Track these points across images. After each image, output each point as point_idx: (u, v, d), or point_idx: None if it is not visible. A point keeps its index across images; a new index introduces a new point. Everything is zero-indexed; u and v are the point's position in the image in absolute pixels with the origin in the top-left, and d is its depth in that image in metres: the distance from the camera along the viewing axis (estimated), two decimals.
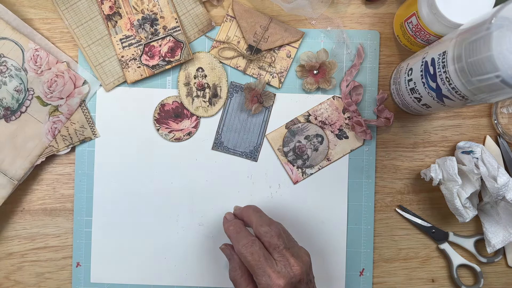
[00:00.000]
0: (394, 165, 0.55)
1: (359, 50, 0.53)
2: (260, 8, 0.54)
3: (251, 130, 0.54)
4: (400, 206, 0.55)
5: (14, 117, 0.51)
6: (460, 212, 0.49)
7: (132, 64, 0.52)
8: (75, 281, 0.54)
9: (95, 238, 0.54)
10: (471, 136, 0.54)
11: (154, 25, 0.52)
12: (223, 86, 0.54)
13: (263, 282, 0.41)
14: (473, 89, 0.36)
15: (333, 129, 0.54)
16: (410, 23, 0.48)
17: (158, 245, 0.54)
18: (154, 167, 0.54)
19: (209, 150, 0.54)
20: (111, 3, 0.52)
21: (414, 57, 0.47)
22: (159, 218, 0.54)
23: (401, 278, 0.55)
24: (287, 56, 0.54)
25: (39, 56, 0.51)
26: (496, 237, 0.51)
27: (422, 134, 0.54)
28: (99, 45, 0.53)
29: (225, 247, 0.48)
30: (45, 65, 0.51)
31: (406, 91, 0.48)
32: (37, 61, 0.51)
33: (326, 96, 0.54)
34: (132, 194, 0.54)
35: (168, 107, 0.54)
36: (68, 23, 0.53)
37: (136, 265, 0.54)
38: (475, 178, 0.49)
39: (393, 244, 0.55)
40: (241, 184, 0.54)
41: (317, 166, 0.54)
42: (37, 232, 0.54)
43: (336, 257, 0.54)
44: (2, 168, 0.50)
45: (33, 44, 0.51)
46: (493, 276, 0.55)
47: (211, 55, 0.54)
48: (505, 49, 0.32)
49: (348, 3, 0.54)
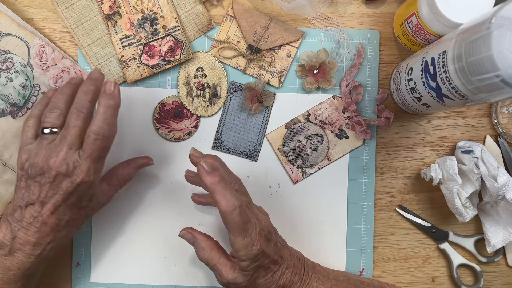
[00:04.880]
0: (394, 164, 0.55)
1: (359, 50, 0.53)
2: (260, 7, 0.54)
3: (251, 130, 0.54)
4: (400, 206, 0.55)
5: (20, 113, 0.51)
6: (460, 212, 0.49)
7: (132, 63, 0.52)
8: (75, 281, 0.54)
9: (95, 238, 0.54)
10: (471, 136, 0.54)
11: (154, 24, 0.52)
12: (223, 85, 0.54)
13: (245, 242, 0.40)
14: (473, 89, 0.36)
15: (333, 128, 0.54)
16: (410, 23, 0.48)
17: (158, 245, 0.54)
18: (154, 166, 0.54)
19: (209, 150, 0.54)
20: (111, 3, 0.52)
21: (414, 57, 0.47)
22: (159, 218, 0.54)
23: (401, 277, 0.55)
24: (287, 55, 0.54)
25: (44, 52, 0.51)
26: (496, 236, 0.51)
27: (422, 133, 0.54)
28: (99, 44, 0.53)
29: (184, 232, 0.46)
30: (51, 60, 0.51)
31: (406, 91, 0.48)
32: (42, 57, 0.51)
33: (326, 96, 0.54)
34: (132, 193, 0.54)
35: (168, 107, 0.54)
36: (68, 22, 0.53)
37: (136, 265, 0.54)
38: (475, 178, 0.49)
39: (393, 244, 0.55)
40: None
41: (317, 165, 0.54)
42: None
43: (336, 256, 0.54)
44: (10, 164, 0.50)
45: (38, 40, 0.51)
46: (493, 275, 0.55)
47: (211, 55, 0.53)
48: (505, 49, 0.32)
49: (348, 2, 0.54)
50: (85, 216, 0.46)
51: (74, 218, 0.44)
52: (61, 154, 0.41)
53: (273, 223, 0.46)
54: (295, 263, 0.45)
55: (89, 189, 0.43)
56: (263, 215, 0.45)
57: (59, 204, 0.42)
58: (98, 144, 0.42)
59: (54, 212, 0.42)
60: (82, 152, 0.42)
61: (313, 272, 0.46)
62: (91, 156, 0.42)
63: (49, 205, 0.42)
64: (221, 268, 0.43)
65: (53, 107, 0.44)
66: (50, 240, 0.43)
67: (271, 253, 0.42)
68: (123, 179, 0.50)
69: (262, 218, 0.43)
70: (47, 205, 0.42)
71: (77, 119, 0.42)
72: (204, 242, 0.44)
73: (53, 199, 0.42)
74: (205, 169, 0.40)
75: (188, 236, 0.45)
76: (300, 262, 0.46)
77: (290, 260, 0.45)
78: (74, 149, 0.42)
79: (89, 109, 0.43)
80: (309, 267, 0.47)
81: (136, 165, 0.51)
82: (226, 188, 0.39)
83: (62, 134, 0.42)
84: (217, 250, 0.44)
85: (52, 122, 0.43)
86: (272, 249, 0.42)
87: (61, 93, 0.44)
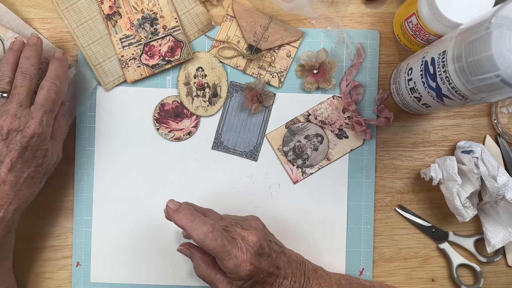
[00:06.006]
0: (394, 164, 0.55)
1: (359, 50, 0.53)
2: (260, 7, 0.54)
3: (251, 130, 0.54)
4: (400, 206, 0.55)
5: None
6: (460, 212, 0.49)
7: (132, 63, 0.53)
8: (75, 281, 0.54)
9: (95, 238, 0.54)
10: (471, 136, 0.54)
11: (154, 24, 0.52)
12: (223, 85, 0.54)
13: (231, 265, 0.40)
14: (473, 89, 0.36)
15: (333, 128, 0.54)
16: (410, 23, 0.48)
17: (158, 245, 0.54)
18: (154, 166, 0.54)
19: (209, 149, 0.54)
20: (111, 3, 0.52)
21: (414, 57, 0.47)
22: (159, 218, 0.54)
23: (401, 277, 0.55)
24: (287, 55, 0.54)
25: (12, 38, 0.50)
26: (496, 236, 0.51)
27: (422, 133, 0.54)
28: (99, 44, 0.53)
29: (182, 248, 0.46)
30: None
31: (406, 91, 0.48)
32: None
33: (326, 96, 0.54)
34: (132, 193, 0.54)
35: (168, 107, 0.54)
36: (68, 22, 0.53)
37: (136, 265, 0.54)
38: (475, 178, 0.49)
39: (393, 244, 0.55)
40: (241, 183, 0.54)
41: (317, 165, 0.54)
42: (37, 231, 0.54)
43: (336, 256, 0.54)
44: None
45: (11, 33, 0.50)
46: (493, 275, 0.55)
47: (211, 55, 0.54)
48: (504, 49, 0.32)
49: (348, 2, 0.54)
50: (43, 173, 0.47)
51: (32, 176, 0.45)
52: (11, 111, 0.43)
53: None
54: (293, 271, 0.45)
55: (42, 143, 0.45)
56: (252, 229, 0.43)
57: (16, 160, 0.43)
58: (51, 95, 0.45)
59: (12, 169, 0.44)
60: (34, 106, 0.44)
61: (314, 278, 0.46)
62: (44, 106, 0.44)
63: (5, 163, 0.43)
64: (218, 285, 0.43)
65: (1, 76, 0.46)
66: (11, 200, 0.44)
67: (265, 267, 0.42)
68: (62, 130, 0.50)
69: (247, 235, 0.42)
70: (4, 163, 0.43)
71: (24, 79, 0.45)
72: (200, 258, 0.44)
73: (9, 156, 0.43)
74: (171, 209, 0.42)
75: (186, 252, 0.46)
76: (300, 268, 0.46)
77: (288, 268, 0.44)
78: (24, 107, 0.44)
79: (33, 72, 0.46)
80: (310, 271, 0.46)
81: (60, 114, 0.50)
82: (193, 219, 0.41)
83: (12, 94, 0.45)
84: (213, 266, 0.44)
85: (2, 88, 0.45)
86: (266, 263, 0.42)
87: (6, 62, 0.46)
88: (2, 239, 0.45)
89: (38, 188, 0.48)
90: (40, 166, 0.46)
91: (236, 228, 0.43)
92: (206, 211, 0.46)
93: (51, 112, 0.46)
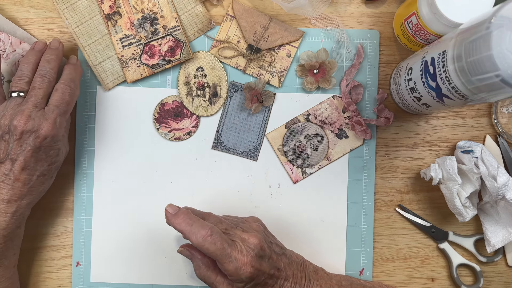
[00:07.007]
0: (394, 164, 0.55)
1: (359, 50, 0.53)
2: (260, 7, 0.54)
3: (251, 130, 0.54)
4: (400, 206, 0.55)
5: None
6: (460, 212, 0.49)
7: (132, 63, 0.53)
8: (75, 281, 0.54)
9: (95, 238, 0.54)
10: (471, 136, 0.54)
11: (154, 24, 0.52)
12: (223, 85, 0.54)
13: (231, 267, 0.40)
14: (473, 89, 0.36)
15: (333, 128, 0.54)
16: (410, 23, 0.48)
17: (158, 245, 0.54)
18: (154, 166, 0.54)
19: (209, 149, 0.54)
20: (111, 3, 0.52)
21: (414, 57, 0.47)
22: (159, 218, 0.54)
23: (401, 277, 0.55)
24: (287, 55, 0.54)
25: (1, 40, 0.50)
26: (496, 236, 0.51)
27: (422, 133, 0.54)
28: (99, 44, 0.53)
29: (182, 249, 0.46)
30: (9, 47, 0.51)
31: (406, 91, 0.48)
32: (0, 46, 0.50)
33: (326, 96, 0.54)
34: (132, 193, 0.54)
35: (168, 107, 0.54)
36: (68, 22, 0.53)
37: (136, 265, 0.54)
38: (475, 178, 0.49)
39: (393, 244, 0.55)
40: (241, 183, 0.54)
41: (317, 165, 0.54)
42: (37, 231, 0.54)
43: (336, 256, 0.54)
44: None
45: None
46: (493, 275, 0.55)
47: (211, 55, 0.54)
48: (504, 49, 0.32)
49: (348, 2, 0.54)
50: (55, 169, 0.48)
51: (45, 174, 0.46)
52: (26, 111, 0.43)
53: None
54: (294, 272, 0.45)
55: (55, 143, 0.45)
56: (252, 231, 0.43)
57: (29, 159, 0.44)
58: (65, 97, 0.46)
59: (25, 168, 0.44)
60: (48, 107, 0.45)
61: (315, 279, 0.46)
62: (58, 108, 0.45)
63: (19, 161, 0.44)
64: (218, 286, 0.43)
65: (21, 75, 0.46)
66: (24, 196, 0.45)
67: (266, 269, 0.42)
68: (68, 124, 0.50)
69: (248, 237, 0.42)
70: (17, 161, 0.44)
71: (42, 82, 0.45)
72: (201, 260, 0.44)
73: (23, 155, 0.44)
74: (170, 213, 0.43)
75: (186, 253, 0.46)
76: (301, 270, 0.46)
77: (289, 269, 0.44)
78: (39, 108, 0.44)
79: (52, 76, 0.46)
80: (311, 272, 0.46)
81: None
82: (191, 223, 0.41)
83: (29, 94, 0.45)
84: (214, 268, 0.44)
85: (20, 87, 0.46)
86: (267, 265, 0.42)
87: (27, 62, 0.47)
88: (12, 233, 0.46)
89: (49, 183, 0.49)
90: (53, 164, 0.47)
91: (236, 231, 0.43)
92: (205, 214, 0.46)
93: (65, 114, 0.46)
